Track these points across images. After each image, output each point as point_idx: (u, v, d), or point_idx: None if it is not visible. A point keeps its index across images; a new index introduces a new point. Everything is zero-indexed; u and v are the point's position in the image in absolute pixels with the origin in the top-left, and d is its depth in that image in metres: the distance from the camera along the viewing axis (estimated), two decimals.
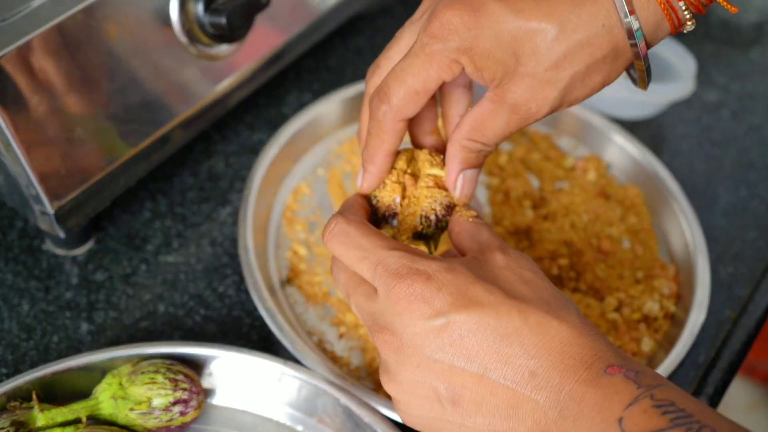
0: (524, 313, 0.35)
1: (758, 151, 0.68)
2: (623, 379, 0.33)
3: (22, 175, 0.47)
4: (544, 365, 0.34)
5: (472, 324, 0.34)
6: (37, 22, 0.45)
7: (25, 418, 0.42)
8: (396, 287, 0.35)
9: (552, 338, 0.34)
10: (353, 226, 0.38)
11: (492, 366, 0.34)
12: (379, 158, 0.43)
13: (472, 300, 0.35)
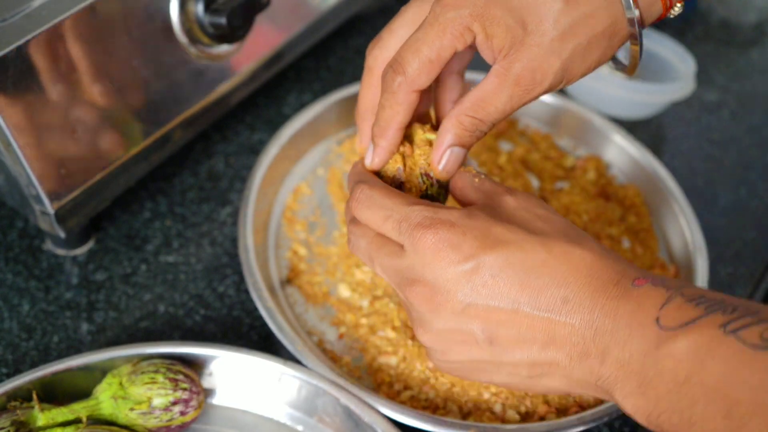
0: (548, 245, 0.36)
1: (758, 151, 0.68)
2: (651, 287, 0.34)
3: (23, 175, 0.47)
4: (574, 290, 0.35)
5: (501, 262, 0.36)
6: (37, 22, 0.45)
7: (26, 418, 0.42)
8: (422, 238, 0.36)
9: (578, 264, 0.36)
10: (376, 190, 0.40)
11: (525, 300, 0.35)
12: (391, 131, 0.43)
13: (497, 240, 0.36)
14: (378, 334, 0.50)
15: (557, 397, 0.48)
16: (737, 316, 0.32)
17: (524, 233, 0.36)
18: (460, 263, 0.36)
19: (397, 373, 0.49)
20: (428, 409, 0.47)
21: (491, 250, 0.36)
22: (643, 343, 0.33)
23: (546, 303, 0.35)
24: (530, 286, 0.36)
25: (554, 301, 0.35)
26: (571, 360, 0.36)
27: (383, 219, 0.39)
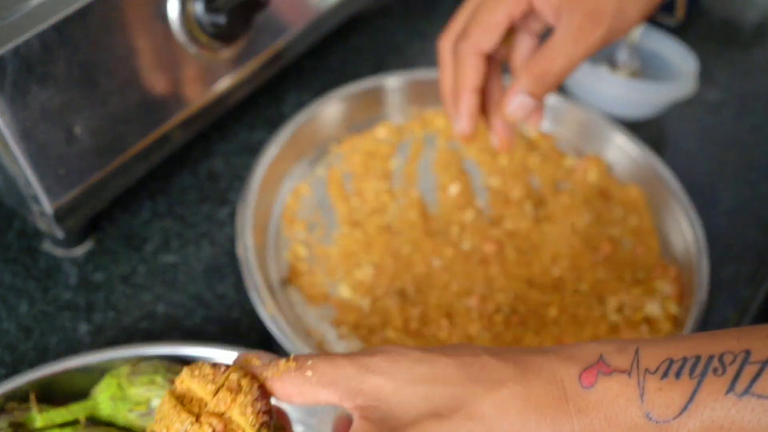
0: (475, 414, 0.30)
1: (760, 151, 0.68)
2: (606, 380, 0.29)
3: (21, 175, 0.47)
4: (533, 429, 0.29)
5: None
6: (36, 20, 0.44)
7: (24, 419, 0.41)
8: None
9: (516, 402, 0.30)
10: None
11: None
12: (466, 95, 0.47)
13: None
14: (378, 334, 0.50)
15: None
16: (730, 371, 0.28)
17: (446, 422, 0.29)
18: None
19: None
20: None
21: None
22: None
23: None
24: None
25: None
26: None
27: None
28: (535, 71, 0.44)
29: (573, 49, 0.43)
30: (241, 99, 0.60)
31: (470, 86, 0.47)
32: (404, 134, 0.64)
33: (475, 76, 0.47)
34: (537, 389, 0.30)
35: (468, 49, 0.46)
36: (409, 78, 0.64)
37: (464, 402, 0.30)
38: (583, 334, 0.51)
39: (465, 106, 0.48)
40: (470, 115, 0.48)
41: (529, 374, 0.30)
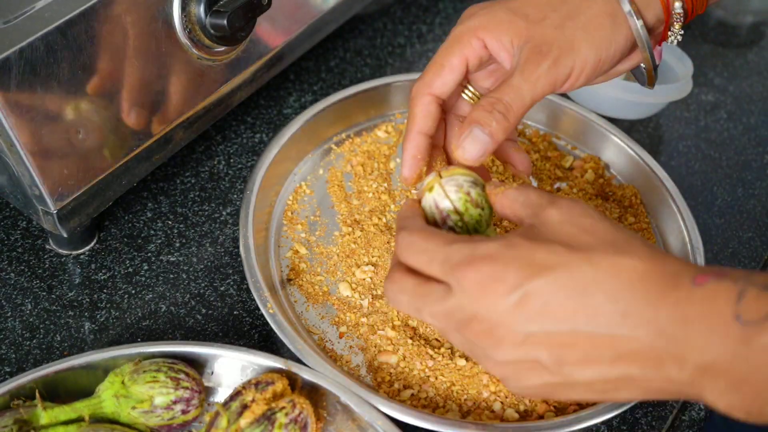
0: (594, 261, 0.35)
1: (755, 151, 0.69)
2: (716, 282, 0.33)
3: (26, 175, 0.47)
4: (630, 303, 0.34)
5: (550, 287, 0.35)
6: (40, 23, 0.45)
7: (29, 417, 0.42)
8: (465, 275, 0.36)
9: (629, 276, 0.34)
10: (415, 234, 0.39)
11: (582, 321, 0.34)
12: (411, 136, 0.45)
13: (542, 266, 0.35)
14: (378, 333, 0.51)
15: None
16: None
17: (568, 253, 0.35)
18: (508, 295, 0.35)
19: (397, 372, 0.49)
20: (428, 408, 0.48)
21: (536, 277, 0.35)
22: (728, 344, 0.32)
23: (605, 321, 0.34)
24: (584, 306, 0.34)
25: (612, 318, 0.34)
26: (645, 372, 0.35)
27: (427, 263, 0.38)
28: (483, 104, 0.43)
29: (522, 83, 0.42)
30: (243, 100, 0.60)
31: (416, 128, 0.45)
32: None
33: (422, 118, 0.45)
34: (654, 272, 0.34)
35: (419, 89, 0.45)
36: (408, 79, 0.65)
37: (592, 250, 0.35)
38: None
39: (408, 150, 0.45)
40: (413, 158, 0.45)
41: (657, 261, 0.35)
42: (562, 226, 0.37)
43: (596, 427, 0.49)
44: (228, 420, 0.43)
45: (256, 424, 0.42)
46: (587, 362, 0.35)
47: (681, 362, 0.33)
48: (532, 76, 0.42)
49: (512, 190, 0.41)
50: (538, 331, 0.35)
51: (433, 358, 0.49)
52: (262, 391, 0.43)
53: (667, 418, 0.50)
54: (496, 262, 0.36)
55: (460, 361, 0.49)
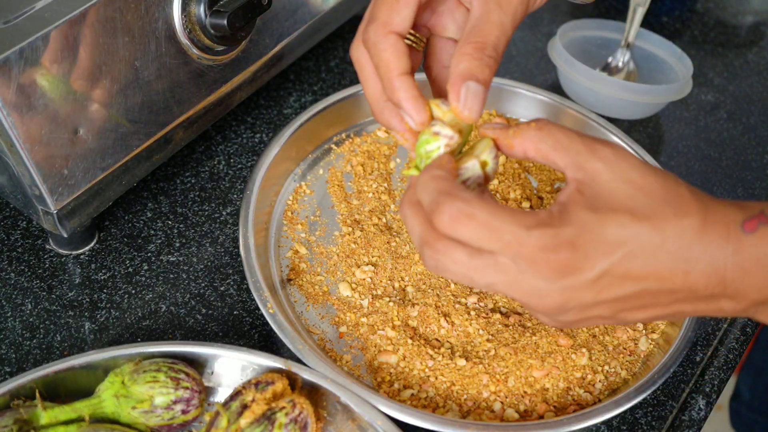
0: (660, 227, 0.36)
1: (754, 151, 0.69)
2: (764, 227, 0.36)
3: (26, 175, 0.47)
4: (692, 263, 0.36)
5: (624, 265, 0.36)
6: (40, 23, 0.45)
7: (29, 417, 0.42)
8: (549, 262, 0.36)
9: (690, 235, 0.36)
10: (476, 207, 0.36)
11: (651, 282, 0.37)
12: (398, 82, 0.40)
13: (614, 243, 0.36)
14: (378, 333, 0.51)
15: (556, 396, 0.49)
16: None
17: (635, 223, 0.36)
18: (585, 275, 0.36)
19: (397, 371, 0.49)
20: (428, 408, 0.48)
21: (611, 255, 0.36)
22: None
23: (669, 278, 0.37)
24: (653, 270, 0.37)
25: (676, 276, 0.36)
26: (697, 307, 0.38)
27: (493, 242, 0.36)
28: (469, 49, 0.40)
29: (501, 17, 0.40)
30: (243, 100, 0.60)
31: (397, 71, 0.40)
32: None
33: (397, 59, 0.40)
34: (710, 227, 0.36)
35: (378, 31, 0.40)
36: None
37: (655, 215, 0.36)
38: (580, 335, 0.52)
39: (403, 93, 0.40)
40: (415, 98, 0.40)
41: (709, 213, 0.37)
42: (615, 184, 0.37)
43: (596, 427, 0.49)
44: (228, 420, 0.43)
45: (256, 424, 0.42)
46: (644, 308, 0.38)
47: (737, 299, 0.37)
48: (509, 9, 0.40)
49: (533, 131, 0.39)
50: (605, 299, 0.37)
51: (433, 358, 0.49)
52: (262, 391, 0.43)
53: (667, 418, 0.50)
54: (577, 251, 0.36)
55: (460, 361, 0.49)
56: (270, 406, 0.42)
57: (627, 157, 0.38)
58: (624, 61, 0.70)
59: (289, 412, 0.42)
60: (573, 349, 0.50)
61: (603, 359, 0.50)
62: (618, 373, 0.50)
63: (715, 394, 0.52)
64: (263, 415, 0.42)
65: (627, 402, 0.47)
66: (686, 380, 0.52)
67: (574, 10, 0.83)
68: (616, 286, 0.37)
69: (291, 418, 0.42)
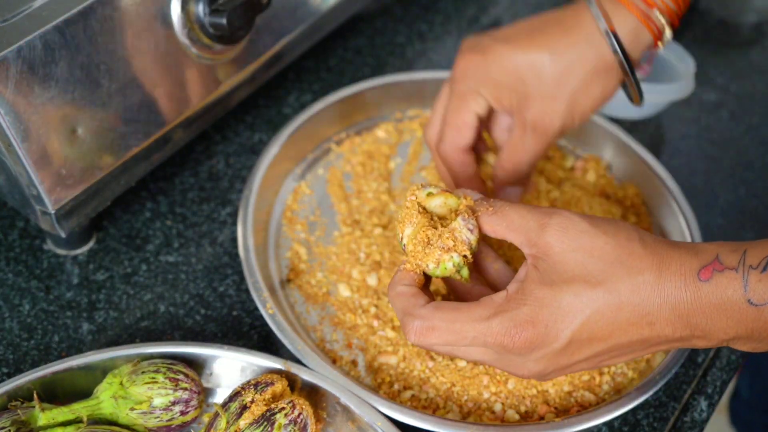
0: (614, 291, 0.39)
1: (757, 151, 0.68)
2: (719, 276, 0.38)
3: (24, 175, 0.47)
4: (654, 314, 0.38)
5: (587, 329, 0.39)
6: (38, 22, 0.45)
7: (27, 418, 0.42)
8: (515, 343, 0.39)
9: (646, 290, 0.38)
10: (435, 319, 0.40)
11: (618, 337, 0.39)
12: (466, 183, 0.52)
13: (571, 312, 0.39)
14: (378, 333, 0.51)
15: (557, 397, 0.48)
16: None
17: (589, 289, 0.38)
18: (553, 346, 0.39)
19: (397, 372, 0.49)
20: (428, 409, 0.47)
21: (572, 324, 0.39)
22: (746, 323, 0.38)
23: (636, 332, 0.39)
24: (617, 327, 0.39)
25: (641, 328, 0.39)
26: (672, 346, 0.40)
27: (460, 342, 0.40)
28: (508, 169, 0.51)
29: (531, 150, 0.49)
30: (242, 99, 0.60)
31: (465, 177, 0.52)
32: (404, 134, 0.65)
33: (464, 170, 0.52)
34: (665, 280, 0.38)
35: (448, 151, 0.51)
36: (409, 78, 0.65)
37: (608, 279, 0.38)
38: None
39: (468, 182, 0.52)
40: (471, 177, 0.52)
41: (663, 267, 0.39)
42: (566, 255, 0.39)
43: (597, 429, 0.49)
44: (227, 421, 0.42)
45: (256, 425, 0.42)
46: (622, 356, 0.41)
47: (707, 339, 0.39)
48: (542, 143, 0.49)
49: (489, 216, 0.42)
50: (579, 359, 0.40)
51: (434, 359, 0.49)
52: (262, 392, 0.43)
53: (669, 419, 0.49)
54: (537, 326, 0.39)
55: (461, 361, 0.49)
56: (269, 407, 0.42)
57: (576, 223, 0.40)
58: None
59: (288, 413, 0.42)
60: None
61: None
62: (625, 374, 0.50)
63: (717, 395, 0.52)
64: (262, 416, 0.42)
65: (628, 403, 0.46)
66: (688, 381, 0.51)
67: None
68: (586, 348, 0.39)
69: (290, 419, 0.42)
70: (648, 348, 0.40)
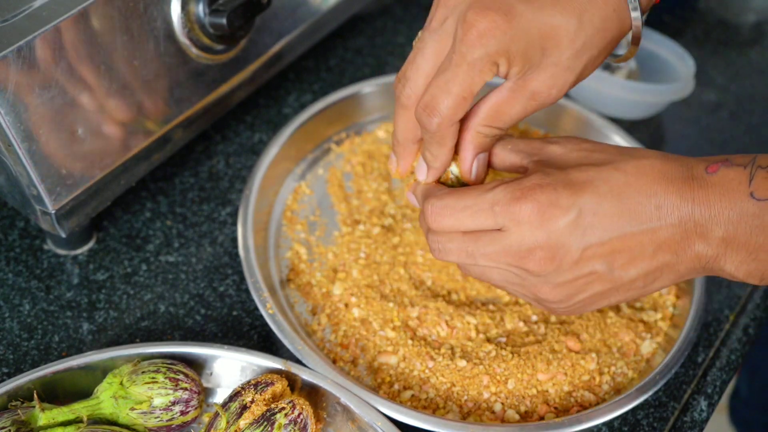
0: (620, 168, 0.39)
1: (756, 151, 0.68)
2: (726, 169, 0.38)
3: (24, 175, 0.47)
4: (661, 196, 0.39)
5: (595, 199, 0.39)
6: (38, 22, 0.45)
7: (27, 418, 0.42)
8: (523, 207, 0.39)
9: (653, 173, 0.39)
10: (446, 197, 0.42)
11: (626, 222, 0.39)
12: (443, 156, 0.45)
13: (581, 182, 0.39)
14: (378, 333, 0.51)
15: (557, 397, 0.48)
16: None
17: (595, 168, 0.39)
18: (565, 215, 0.39)
19: (397, 372, 0.49)
20: (428, 409, 0.47)
21: (582, 193, 0.39)
22: (746, 219, 0.38)
23: (645, 216, 0.39)
24: (626, 208, 0.39)
25: (650, 212, 0.39)
26: (678, 255, 0.40)
27: (472, 215, 0.41)
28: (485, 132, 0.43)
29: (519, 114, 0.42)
30: (242, 100, 0.60)
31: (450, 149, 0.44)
32: None
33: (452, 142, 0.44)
34: (671, 167, 0.39)
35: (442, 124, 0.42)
36: None
37: (614, 160, 0.40)
38: (580, 336, 0.51)
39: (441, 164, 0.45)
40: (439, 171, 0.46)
41: (668, 158, 0.40)
42: (570, 154, 0.41)
43: (597, 429, 0.49)
44: (227, 421, 0.42)
45: (256, 425, 0.42)
46: (633, 261, 0.40)
47: (707, 238, 0.39)
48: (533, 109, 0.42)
49: (496, 146, 0.44)
50: (592, 243, 0.39)
51: (434, 359, 0.49)
52: (262, 392, 0.43)
53: (669, 419, 0.49)
54: (545, 189, 0.39)
55: (461, 362, 0.49)
56: (269, 407, 0.42)
57: (576, 139, 0.43)
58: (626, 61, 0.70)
59: (288, 413, 0.42)
60: (581, 355, 0.50)
61: (609, 360, 0.50)
62: (625, 374, 0.50)
63: (717, 395, 0.52)
64: (262, 416, 0.42)
65: (628, 403, 0.46)
66: (688, 381, 0.51)
67: None
68: (597, 228, 0.39)
69: (290, 419, 0.42)
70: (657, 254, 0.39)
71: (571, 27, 0.40)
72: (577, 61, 0.41)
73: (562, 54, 0.40)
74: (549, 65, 0.41)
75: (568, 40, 0.40)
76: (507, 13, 0.39)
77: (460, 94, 0.41)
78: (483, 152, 0.45)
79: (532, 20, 0.39)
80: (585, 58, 0.41)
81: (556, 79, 0.41)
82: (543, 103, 0.42)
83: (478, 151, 0.44)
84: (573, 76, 0.42)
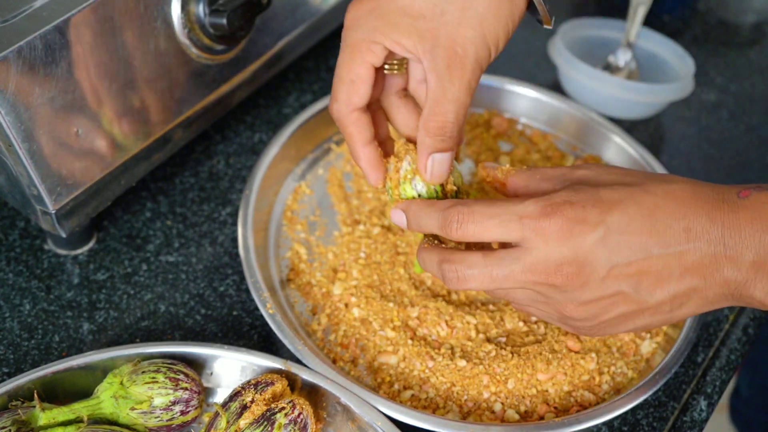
0: (650, 190, 0.39)
1: (756, 151, 0.68)
2: (758, 193, 0.38)
3: (24, 175, 0.47)
4: (691, 219, 0.38)
5: (624, 218, 0.39)
6: (38, 22, 0.45)
7: (27, 418, 0.42)
8: (552, 222, 0.39)
9: (683, 196, 0.39)
10: (473, 205, 0.41)
11: (654, 243, 0.38)
12: (360, 151, 0.45)
13: (611, 201, 0.39)
14: (378, 333, 0.51)
15: (557, 397, 0.48)
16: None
17: (626, 188, 0.39)
18: (593, 232, 0.38)
19: (397, 372, 0.49)
20: (428, 409, 0.47)
21: (611, 212, 0.39)
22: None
23: (673, 239, 0.38)
24: (654, 230, 0.38)
25: (679, 235, 0.38)
26: (707, 279, 0.39)
27: (497, 225, 0.40)
28: (432, 129, 0.43)
29: (457, 93, 0.42)
30: (242, 100, 0.60)
31: (359, 144, 0.45)
32: None
33: (358, 133, 0.45)
34: (702, 191, 0.39)
35: (340, 111, 0.44)
36: None
37: (644, 183, 0.40)
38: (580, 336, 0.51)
39: (362, 161, 0.46)
40: (371, 167, 0.46)
41: (699, 183, 0.40)
42: (600, 176, 0.41)
43: (597, 428, 0.49)
44: (227, 421, 0.42)
45: (256, 425, 0.42)
46: (660, 283, 0.39)
47: (737, 263, 0.38)
48: (462, 81, 0.42)
49: (524, 172, 0.44)
50: (619, 262, 0.39)
51: (434, 359, 0.49)
52: (262, 392, 0.43)
53: (668, 419, 0.49)
54: (575, 206, 0.39)
55: (461, 361, 0.49)
56: (269, 407, 0.42)
57: (604, 166, 0.43)
58: (625, 61, 0.70)
59: (288, 413, 0.42)
60: (581, 355, 0.50)
61: (609, 360, 0.50)
62: (625, 374, 0.50)
63: (716, 395, 0.52)
64: (263, 416, 0.42)
65: (628, 403, 0.46)
66: (688, 381, 0.51)
67: (575, 9, 0.82)
68: (625, 248, 0.38)
69: (291, 419, 0.42)
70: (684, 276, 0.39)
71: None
72: (466, 15, 0.41)
73: (445, 13, 0.41)
74: (439, 28, 0.41)
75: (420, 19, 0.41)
76: (372, 10, 0.42)
77: (347, 77, 0.43)
78: (440, 152, 0.43)
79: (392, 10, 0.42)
80: (475, 11, 0.41)
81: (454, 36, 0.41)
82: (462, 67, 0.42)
83: (431, 148, 0.43)
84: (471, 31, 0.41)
